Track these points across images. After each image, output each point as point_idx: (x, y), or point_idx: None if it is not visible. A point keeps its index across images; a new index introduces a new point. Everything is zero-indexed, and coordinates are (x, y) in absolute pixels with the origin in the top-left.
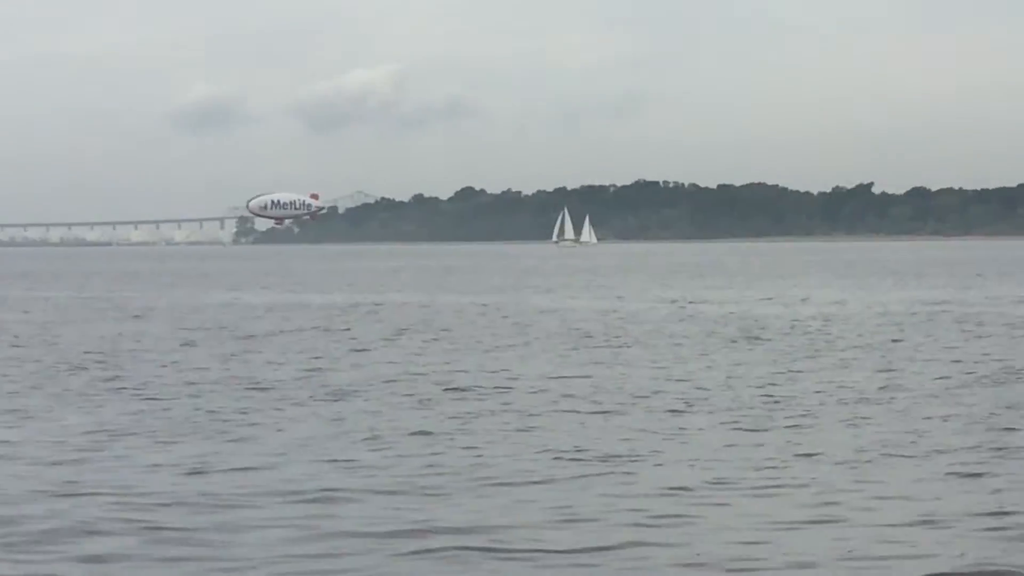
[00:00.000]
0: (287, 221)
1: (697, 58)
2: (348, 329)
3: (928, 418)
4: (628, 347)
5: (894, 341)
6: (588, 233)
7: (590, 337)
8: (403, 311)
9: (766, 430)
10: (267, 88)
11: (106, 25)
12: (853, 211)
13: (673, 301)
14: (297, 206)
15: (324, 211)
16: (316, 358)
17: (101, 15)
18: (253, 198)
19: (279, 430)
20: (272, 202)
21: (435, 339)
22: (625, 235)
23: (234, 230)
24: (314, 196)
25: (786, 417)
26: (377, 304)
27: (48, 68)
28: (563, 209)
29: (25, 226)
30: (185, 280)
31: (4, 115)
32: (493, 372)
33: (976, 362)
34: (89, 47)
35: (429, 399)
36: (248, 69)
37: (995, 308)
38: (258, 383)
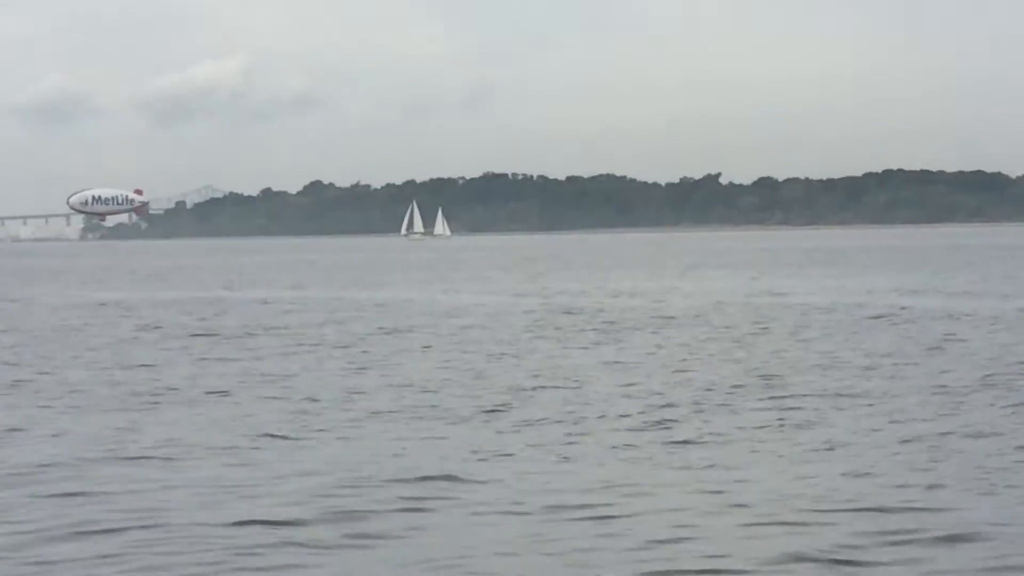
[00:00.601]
0: (109, 218)
1: (544, 49)
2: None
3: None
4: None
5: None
6: (441, 225)
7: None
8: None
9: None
10: (115, 81)
11: None
12: (701, 201)
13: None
14: (119, 201)
15: (148, 205)
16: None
17: None
18: (73, 194)
19: None
20: (93, 197)
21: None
22: (475, 227)
23: (81, 226)
24: (138, 191)
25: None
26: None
27: None
28: (412, 202)
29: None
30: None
31: None
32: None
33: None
34: None
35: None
36: (96, 62)
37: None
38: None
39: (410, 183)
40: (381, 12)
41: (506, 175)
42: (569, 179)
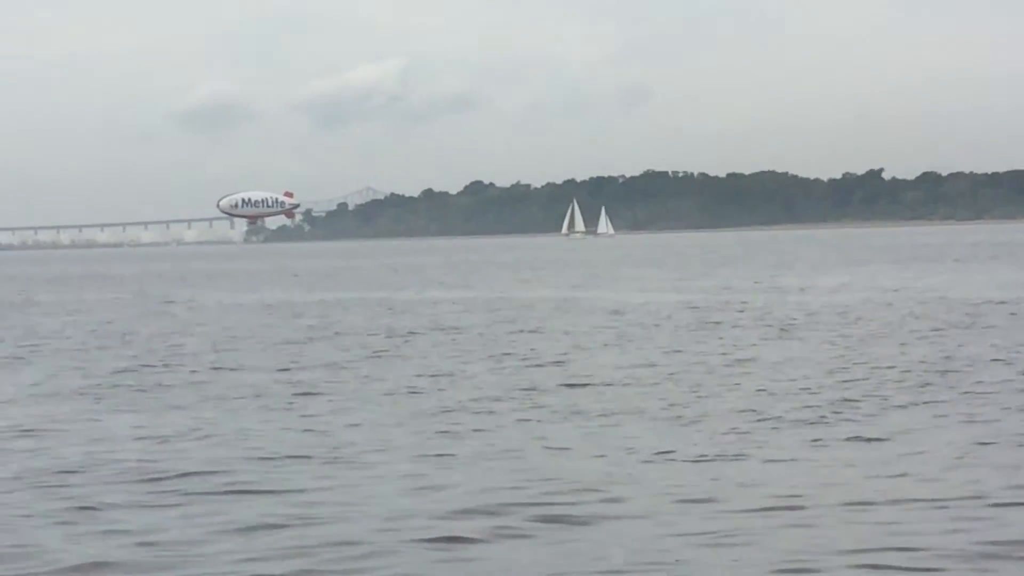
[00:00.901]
0: (270, 220)
1: (703, 47)
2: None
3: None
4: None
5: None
6: (604, 224)
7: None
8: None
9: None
10: (273, 85)
11: (111, 26)
12: (864, 197)
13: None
14: (269, 204)
15: (299, 207)
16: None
17: (106, 16)
18: (223, 197)
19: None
20: (243, 200)
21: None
22: (635, 226)
23: (245, 229)
24: (288, 194)
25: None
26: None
27: (54, 71)
28: (572, 201)
29: (36, 229)
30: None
31: (12, 119)
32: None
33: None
34: (94, 48)
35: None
36: (254, 67)
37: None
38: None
39: (570, 182)
40: (537, 12)
41: (666, 173)
42: (730, 176)
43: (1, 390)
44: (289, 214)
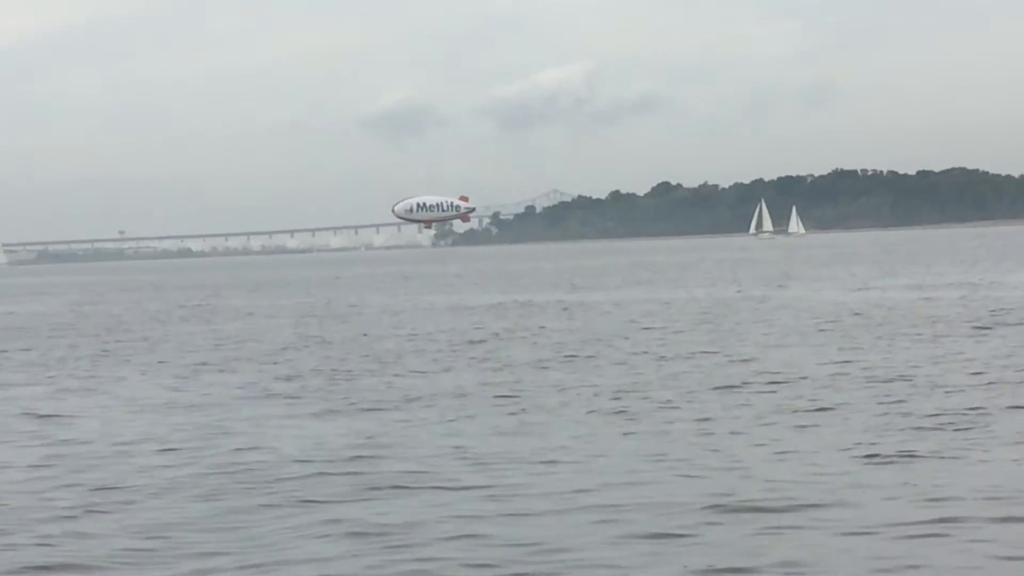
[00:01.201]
0: (435, 225)
1: (889, 44)
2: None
3: None
4: None
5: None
6: (795, 223)
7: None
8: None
9: None
10: (458, 90)
11: (295, 35)
12: None
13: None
14: (444, 208)
15: (474, 211)
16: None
17: (289, 25)
18: (398, 202)
19: None
20: (418, 205)
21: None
22: (824, 225)
23: (432, 233)
24: (463, 198)
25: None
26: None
27: (240, 80)
28: (760, 201)
29: (226, 236)
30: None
31: (200, 129)
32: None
33: None
34: (278, 57)
35: None
36: (439, 71)
37: None
38: None
39: (758, 182)
40: (722, 13)
41: (855, 171)
42: (920, 173)
43: (212, 393)
44: (464, 218)
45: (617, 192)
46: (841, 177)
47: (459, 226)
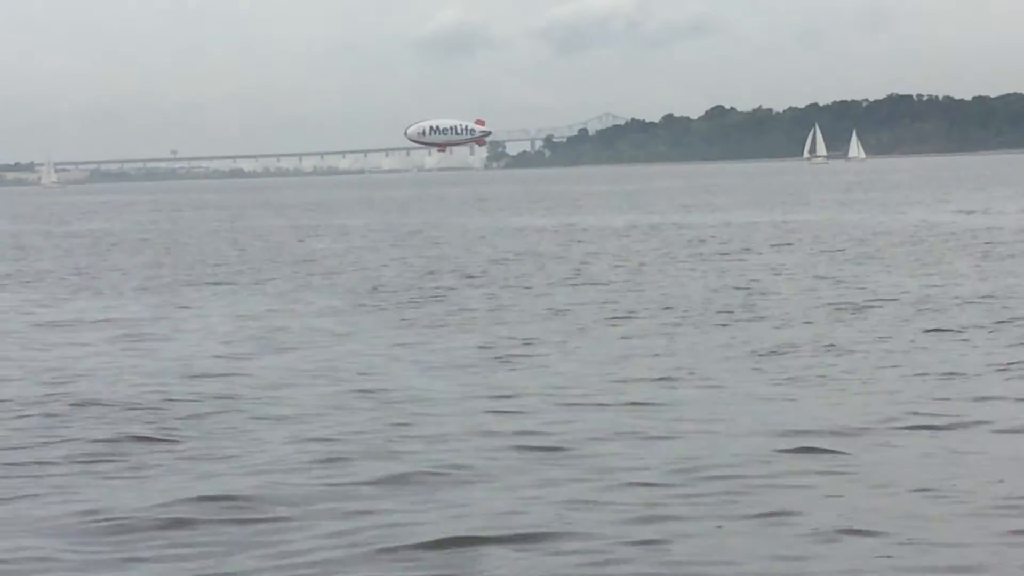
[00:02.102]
0: (511, 145)
1: None
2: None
3: None
4: None
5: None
6: (855, 148)
7: None
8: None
9: None
10: (511, 12)
11: None
12: None
13: None
14: (459, 131)
15: (491, 135)
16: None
17: None
18: (411, 125)
19: None
20: (431, 128)
21: None
22: (879, 150)
23: (485, 154)
24: (479, 121)
25: None
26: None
27: (292, 1)
28: (814, 126)
29: (278, 156)
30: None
31: (251, 48)
32: None
33: None
34: None
35: None
36: None
37: None
38: None
39: (813, 106)
40: None
41: (911, 96)
42: (976, 99)
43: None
44: (480, 142)
45: (670, 115)
46: (896, 102)
47: (512, 148)
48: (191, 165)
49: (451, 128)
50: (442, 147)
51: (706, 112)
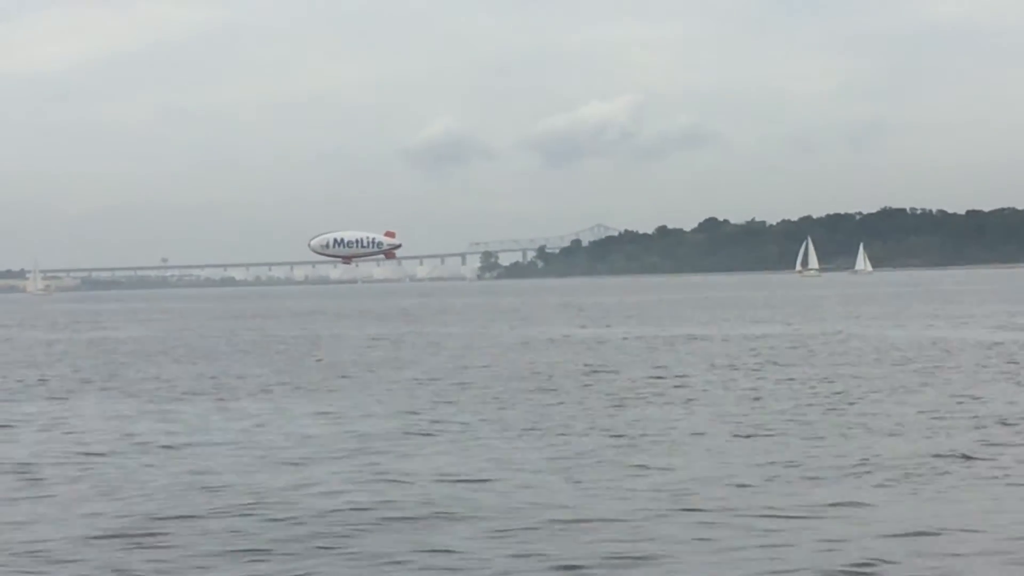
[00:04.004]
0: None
1: (937, 83)
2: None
3: None
4: None
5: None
6: (862, 261)
7: None
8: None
9: None
10: (504, 123)
11: (341, 66)
12: None
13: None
14: (364, 244)
15: (400, 247)
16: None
17: (336, 57)
18: (314, 237)
19: None
20: (335, 240)
21: None
22: (872, 263)
23: (478, 265)
24: (389, 234)
25: None
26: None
27: (284, 109)
28: (807, 238)
29: (270, 265)
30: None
31: (242, 157)
32: None
33: None
34: (324, 87)
35: None
36: (484, 104)
37: None
38: None
39: (806, 219)
40: (767, 50)
41: (904, 210)
42: (969, 213)
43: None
44: (389, 254)
45: (664, 227)
46: (890, 216)
47: (505, 259)
48: (182, 273)
49: (356, 241)
50: (347, 259)
51: (699, 224)
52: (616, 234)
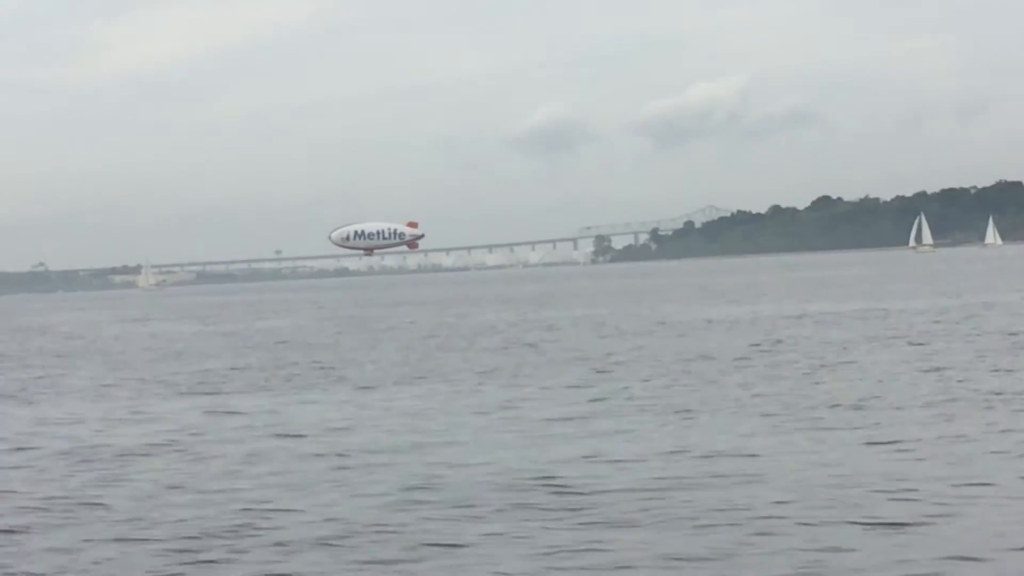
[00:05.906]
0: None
1: None
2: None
3: None
4: None
5: None
6: (992, 235)
7: None
8: None
9: None
10: (611, 107)
11: (447, 55)
12: None
13: None
14: (386, 235)
15: (423, 237)
16: None
17: (442, 46)
18: (335, 229)
19: None
20: (355, 232)
21: None
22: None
23: (590, 249)
24: (411, 224)
25: None
26: None
27: (397, 100)
28: (919, 214)
29: (382, 254)
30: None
31: (355, 148)
32: None
33: None
34: (433, 77)
35: None
36: (591, 89)
37: None
38: None
39: (920, 194)
40: (872, 26)
41: (1020, 183)
42: None
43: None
44: (412, 245)
45: (777, 206)
46: (1005, 189)
47: (617, 242)
48: (296, 264)
49: (378, 232)
50: (369, 251)
51: (813, 202)
52: (728, 215)
